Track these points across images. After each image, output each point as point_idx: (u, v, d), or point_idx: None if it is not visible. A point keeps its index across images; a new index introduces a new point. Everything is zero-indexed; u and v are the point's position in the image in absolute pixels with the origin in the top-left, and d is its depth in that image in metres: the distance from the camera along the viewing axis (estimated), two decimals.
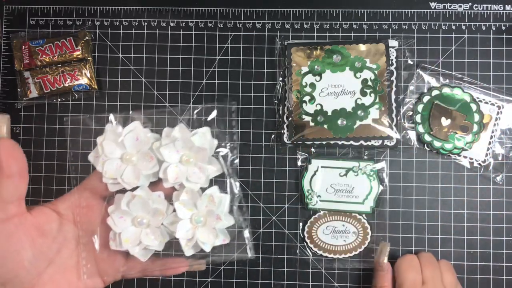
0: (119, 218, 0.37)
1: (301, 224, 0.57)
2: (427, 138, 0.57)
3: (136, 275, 0.39)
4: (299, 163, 0.58)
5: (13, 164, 0.32)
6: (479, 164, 0.57)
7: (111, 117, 0.38)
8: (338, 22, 0.60)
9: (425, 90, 0.58)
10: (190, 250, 0.37)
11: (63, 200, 0.38)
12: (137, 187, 0.37)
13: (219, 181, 0.39)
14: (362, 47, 0.58)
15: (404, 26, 0.60)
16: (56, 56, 0.59)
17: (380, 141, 0.57)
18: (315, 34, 0.60)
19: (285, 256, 0.58)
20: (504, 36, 0.59)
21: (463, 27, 0.59)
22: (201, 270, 0.40)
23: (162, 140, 0.37)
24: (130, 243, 0.36)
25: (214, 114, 0.40)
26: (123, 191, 0.37)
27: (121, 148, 0.37)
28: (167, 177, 0.37)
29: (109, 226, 0.37)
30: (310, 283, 0.57)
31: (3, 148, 0.32)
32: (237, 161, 0.39)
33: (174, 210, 0.37)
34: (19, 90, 0.59)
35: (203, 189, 0.38)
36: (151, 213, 0.37)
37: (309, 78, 0.58)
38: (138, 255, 0.37)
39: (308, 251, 0.57)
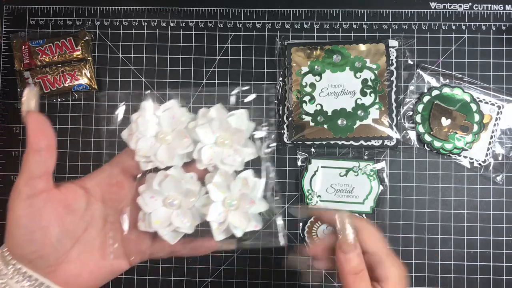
0: (150, 198, 0.35)
1: (301, 224, 0.57)
2: (427, 138, 0.57)
3: (164, 256, 0.37)
4: (299, 163, 0.58)
5: (42, 139, 0.32)
6: (479, 164, 0.57)
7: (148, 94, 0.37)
8: (338, 22, 0.60)
9: (425, 90, 0.58)
10: (220, 235, 0.36)
11: (92, 177, 0.36)
12: (169, 167, 0.36)
13: (253, 166, 0.38)
14: (362, 47, 0.58)
15: (404, 26, 0.60)
16: (56, 56, 0.59)
17: (380, 141, 0.57)
18: (315, 34, 0.60)
19: (285, 256, 0.58)
20: (504, 36, 0.59)
21: (463, 27, 0.59)
22: (230, 249, 0.38)
23: (198, 120, 0.36)
24: (160, 224, 0.35)
25: (252, 96, 0.39)
26: (155, 170, 0.36)
27: (156, 126, 0.36)
28: (201, 158, 0.35)
29: (138, 206, 0.35)
30: (310, 283, 0.57)
31: (32, 122, 0.32)
32: (274, 145, 0.38)
33: (207, 193, 0.36)
34: (19, 90, 0.59)
35: (237, 173, 0.36)
36: (183, 193, 0.35)
37: (309, 78, 0.58)
38: (167, 237, 0.35)
39: None
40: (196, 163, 0.36)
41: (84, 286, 0.34)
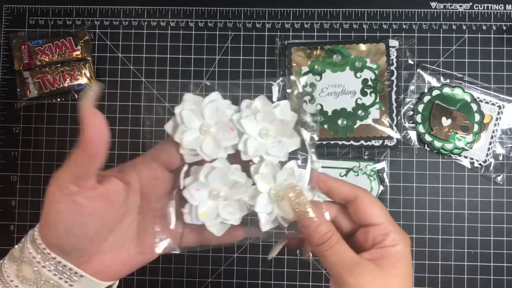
0: (196, 191, 0.35)
1: None
2: (428, 138, 0.57)
3: (193, 245, 0.37)
4: (299, 163, 0.58)
5: (99, 142, 0.32)
6: (480, 164, 0.57)
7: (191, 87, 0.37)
8: (338, 21, 0.60)
9: (426, 90, 0.58)
10: (268, 225, 0.35)
11: (133, 169, 0.36)
12: (214, 160, 0.35)
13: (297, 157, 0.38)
14: (363, 47, 0.58)
15: (404, 26, 0.59)
16: (56, 56, 0.59)
17: (381, 141, 0.57)
18: (315, 34, 0.60)
19: (285, 257, 0.58)
20: (505, 35, 0.59)
21: (464, 27, 0.59)
22: (257, 237, 0.37)
23: (242, 112, 0.36)
24: (207, 217, 0.35)
25: (299, 88, 0.39)
26: (197, 163, 0.36)
27: (200, 118, 0.36)
28: (247, 150, 0.35)
29: (178, 199, 0.35)
30: (310, 283, 0.57)
31: (90, 119, 0.31)
32: (316, 137, 0.37)
33: (252, 184, 0.36)
34: (18, 90, 0.59)
35: (282, 163, 0.36)
36: (228, 185, 0.35)
37: (309, 78, 0.57)
38: (215, 229, 0.35)
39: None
40: (241, 155, 0.36)
41: (116, 275, 0.34)
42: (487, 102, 0.57)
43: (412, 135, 0.58)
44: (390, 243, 0.32)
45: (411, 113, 0.58)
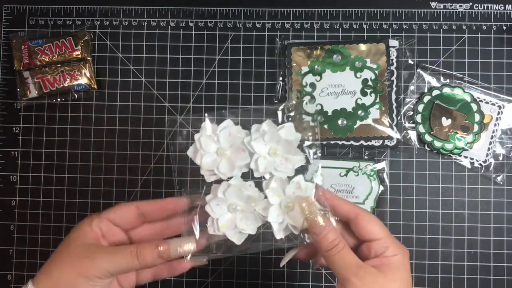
0: (216, 206, 0.41)
1: None
2: (428, 138, 0.57)
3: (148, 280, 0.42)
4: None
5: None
6: (480, 164, 0.57)
7: (206, 118, 0.42)
8: (338, 21, 0.60)
9: (426, 90, 0.58)
10: (280, 233, 0.40)
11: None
12: (230, 178, 0.41)
13: (302, 171, 0.43)
14: (363, 47, 0.58)
15: (404, 26, 0.59)
16: (56, 56, 0.59)
17: (381, 141, 0.57)
18: (315, 34, 0.60)
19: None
20: (505, 36, 0.59)
21: (464, 27, 0.59)
22: (202, 263, 0.42)
23: (252, 135, 0.42)
24: (226, 228, 0.41)
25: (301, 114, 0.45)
26: (203, 185, 0.42)
27: (216, 143, 0.42)
28: (258, 168, 0.41)
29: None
30: (310, 284, 0.57)
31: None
32: (319, 153, 0.43)
33: (265, 197, 0.41)
34: (18, 90, 0.59)
35: (289, 178, 0.42)
36: (244, 199, 0.41)
37: (309, 78, 0.57)
38: (235, 238, 0.41)
39: None
40: (253, 172, 0.42)
41: None
42: (487, 102, 0.57)
43: (412, 135, 0.58)
44: (391, 253, 0.36)
45: (411, 113, 0.58)
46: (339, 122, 0.57)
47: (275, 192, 0.41)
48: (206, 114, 0.42)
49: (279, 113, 0.44)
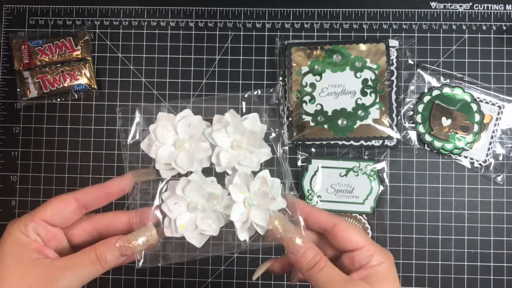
0: (173, 205, 0.37)
1: None
2: (428, 138, 0.57)
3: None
4: (299, 163, 0.58)
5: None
6: (480, 164, 0.57)
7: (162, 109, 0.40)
8: (338, 21, 0.60)
9: (426, 90, 0.58)
10: (244, 233, 0.37)
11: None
12: (189, 173, 0.38)
13: (268, 167, 0.40)
14: (363, 47, 0.58)
15: (404, 26, 0.59)
16: (56, 56, 0.59)
17: (381, 141, 0.57)
18: (315, 34, 0.60)
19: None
20: (505, 36, 0.59)
21: (464, 27, 0.59)
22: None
23: (213, 126, 0.38)
24: (186, 229, 0.37)
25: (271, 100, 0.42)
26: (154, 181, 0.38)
27: (174, 134, 0.38)
28: (220, 162, 0.37)
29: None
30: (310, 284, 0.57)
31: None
32: (285, 147, 0.40)
33: (228, 195, 0.37)
34: (18, 90, 0.59)
35: (254, 173, 0.38)
36: (205, 197, 0.37)
37: (309, 78, 0.57)
38: (194, 241, 0.37)
39: None
40: (215, 167, 0.38)
41: None
42: (487, 102, 0.57)
43: (412, 135, 0.58)
44: (376, 262, 0.33)
45: (411, 113, 0.58)
46: (339, 122, 0.57)
47: (238, 188, 0.37)
48: (162, 104, 0.39)
49: (243, 103, 0.40)
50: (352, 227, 0.35)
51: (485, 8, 0.59)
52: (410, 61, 0.58)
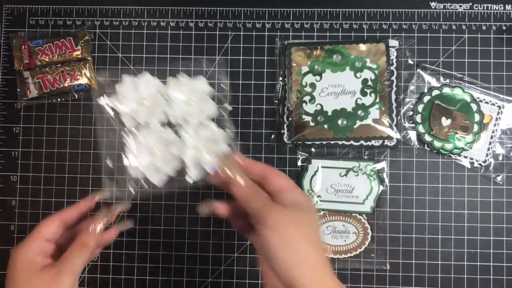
0: (137, 150, 0.48)
1: None
2: (428, 138, 0.57)
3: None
4: (299, 163, 0.58)
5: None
6: (480, 164, 0.57)
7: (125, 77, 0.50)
8: (338, 22, 0.60)
9: (426, 90, 0.58)
10: (195, 171, 0.47)
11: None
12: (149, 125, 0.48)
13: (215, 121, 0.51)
14: (362, 47, 0.58)
15: (404, 26, 0.59)
16: (56, 56, 0.59)
17: (381, 141, 0.57)
18: (315, 34, 0.60)
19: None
20: (505, 36, 0.59)
21: (464, 27, 0.59)
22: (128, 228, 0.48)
23: (168, 86, 0.49)
24: (147, 170, 0.47)
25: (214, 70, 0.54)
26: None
27: (136, 93, 0.49)
28: (175, 114, 0.48)
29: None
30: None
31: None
32: (230, 108, 0.53)
33: (181, 141, 0.47)
34: (18, 90, 0.59)
35: (203, 124, 0.49)
36: (163, 143, 0.47)
37: (309, 78, 0.58)
38: (155, 180, 0.48)
39: None
40: (170, 118, 0.49)
41: None
42: (486, 102, 0.57)
43: (412, 135, 0.58)
44: (295, 197, 0.40)
45: (411, 113, 0.58)
46: (339, 122, 0.57)
47: (190, 136, 0.48)
48: (128, 67, 0.50)
49: (199, 65, 0.52)
50: (281, 173, 0.42)
51: (485, 8, 0.59)
52: (410, 61, 0.58)
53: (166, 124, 0.50)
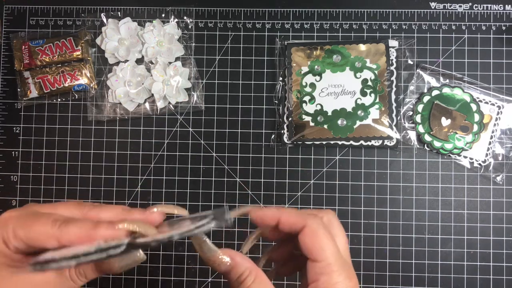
0: (115, 81, 0.57)
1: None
2: (427, 138, 0.57)
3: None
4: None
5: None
6: (479, 164, 0.57)
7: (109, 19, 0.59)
8: (338, 22, 0.60)
9: (425, 90, 0.58)
10: (160, 103, 0.58)
11: None
12: (126, 61, 0.58)
13: (182, 62, 0.59)
14: (362, 47, 0.58)
15: (404, 26, 0.60)
16: (56, 56, 0.59)
17: (380, 141, 0.57)
18: (315, 34, 0.60)
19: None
20: (504, 36, 0.59)
21: (463, 27, 0.59)
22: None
23: (145, 29, 0.58)
24: (122, 98, 0.57)
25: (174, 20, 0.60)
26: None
27: (118, 34, 0.58)
28: (147, 54, 0.58)
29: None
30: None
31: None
32: (192, 44, 0.59)
33: (151, 76, 0.57)
34: (19, 90, 0.59)
35: (170, 63, 0.58)
36: (136, 77, 0.57)
37: (309, 78, 0.58)
38: (128, 105, 0.58)
39: None
40: (144, 57, 0.58)
41: None
42: (486, 102, 0.57)
43: (412, 135, 0.58)
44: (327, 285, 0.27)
45: (411, 113, 0.58)
46: (339, 122, 0.57)
47: (159, 72, 0.57)
48: (111, 13, 0.59)
49: (172, 18, 0.59)
50: (322, 231, 0.28)
51: (485, 9, 0.59)
52: (409, 61, 0.58)
53: (141, 61, 0.59)
